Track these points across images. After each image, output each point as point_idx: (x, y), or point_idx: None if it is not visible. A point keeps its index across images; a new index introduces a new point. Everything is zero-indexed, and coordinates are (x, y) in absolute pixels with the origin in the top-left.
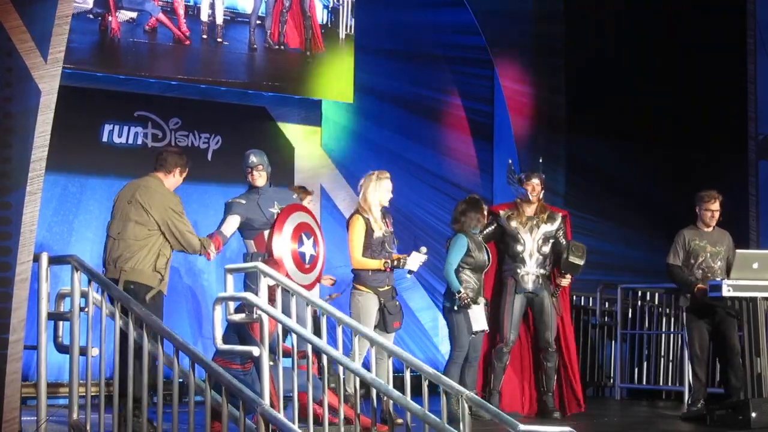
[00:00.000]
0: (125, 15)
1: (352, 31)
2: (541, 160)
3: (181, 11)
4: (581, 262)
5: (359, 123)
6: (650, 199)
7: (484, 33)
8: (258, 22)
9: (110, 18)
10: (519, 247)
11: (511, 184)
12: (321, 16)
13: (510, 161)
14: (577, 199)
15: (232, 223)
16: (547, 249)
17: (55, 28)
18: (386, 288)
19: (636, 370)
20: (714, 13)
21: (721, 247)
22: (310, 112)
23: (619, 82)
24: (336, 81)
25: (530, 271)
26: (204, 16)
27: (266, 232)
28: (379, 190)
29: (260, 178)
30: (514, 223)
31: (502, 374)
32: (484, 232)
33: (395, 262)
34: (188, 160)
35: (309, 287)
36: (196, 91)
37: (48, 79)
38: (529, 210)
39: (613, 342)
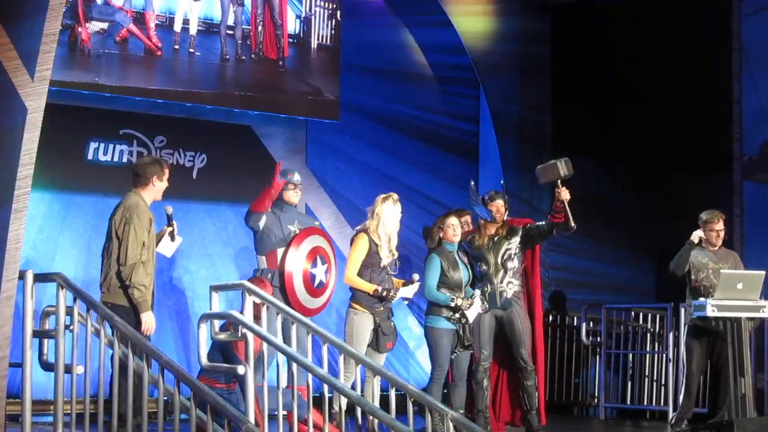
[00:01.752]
0: (95, 26)
1: (327, 42)
2: (502, 181)
3: (152, 23)
4: (553, 161)
5: (345, 142)
6: (635, 220)
7: (470, 53)
8: (229, 32)
9: (80, 29)
10: (484, 267)
11: (474, 205)
12: (293, 26)
13: (472, 182)
14: None
15: (261, 221)
16: (512, 264)
17: (42, 46)
18: (381, 309)
19: (620, 389)
20: (700, 35)
21: (725, 264)
22: (296, 131)
23: (604, 102)
24: (321, 100)
25: (497, 289)
26: (177, 27)
27: (280, 251)
28: (396, 212)
29: (296, 196)
30: (476, 245)
31: (482, 393)
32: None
33: (384, 293)
34: (164, 163)
35: (311, 312)
36: (182, 109)
37: (35, 97)
38: (492, 229)
39: (597, 361)
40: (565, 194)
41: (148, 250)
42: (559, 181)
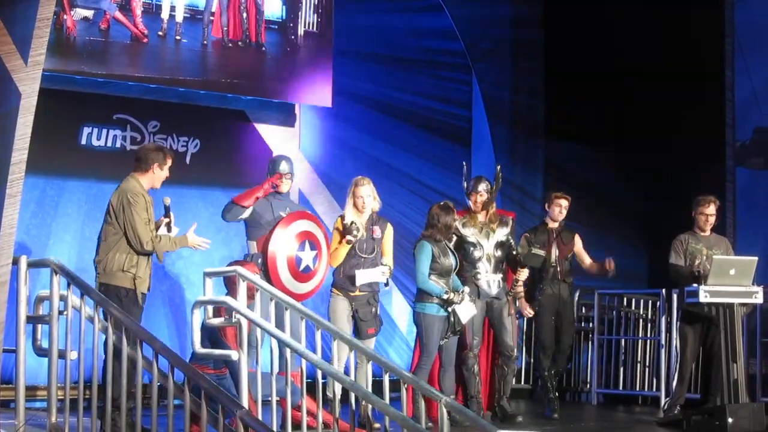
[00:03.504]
0: (80, 13)
1: (314, 29)
2: (498, 167)
3: (138, 10)
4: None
5: (338, 127)
6: (628, 205)
7: (462, 37)
8: (211, 18)
9: (65, 16)
10: (477, 253)
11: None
12: (280, 11)
13: (464, 164)
14: None
15: (241, 213)
16: (500, 253)
17: (36, 31)
18: (358, 293)
19: (612, 375)
20: (692, 20)
21: (717, 250)
22: (289, 116)
23: (597, 87)
24: (313, 84)
25: (489, 277)
26: (165, 14)
27: None
28: (353, 196)
29: (286, 185)
30: (470, 230)
31: (473, 379)
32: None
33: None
34: (167, 152)
35: (298, 298)
36: (175, 94)
37: (28, 82)
38: (481, 216)
39: (589, 347)
40: (523, 276)
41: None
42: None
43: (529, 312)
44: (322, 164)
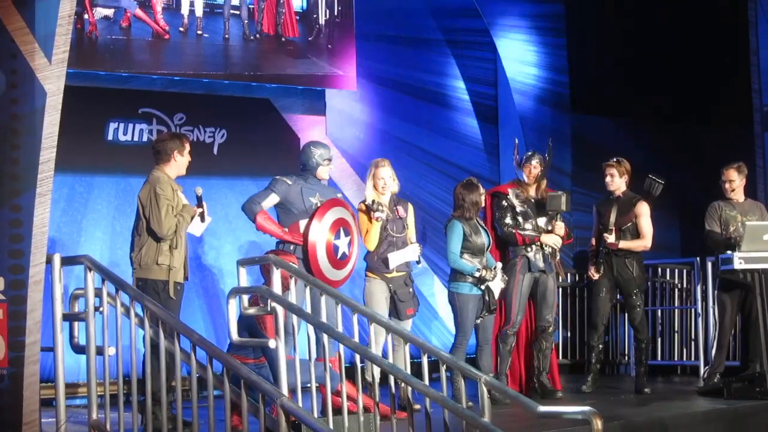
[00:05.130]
0: (101, 12)
1: (336, 15)
2: (551, 142)
3: (158, 6)
4: (559, 192)
5: (364, 111)
6: (657, 175)
7: (483, 15)
8: (234, 12)
9: (86, 16)
10: (528, 225)
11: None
12: (302, 1)
13: (516, 140)
14: (583, 178)
15: (270, 199)
16: (551, 227)
17: (58, 29)
18: (394, 274)
19: (650, 346)
20: None
21: (752, 216)
22: (314, 102)
23: (622, 58)
24: (338, 69)
25: (539, 250)
26: (185, 10)
27: (302, 222)
28: (373, 177)
29: (327, 172)
30: (522, 205)
31: (508, 357)
32: (507, 217)
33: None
34: (183, 138)
35: (334, 284)
36: (199, 85)
37: (53, 80)
38: (532, 190)
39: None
40: (559, 228)
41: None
42: (558, 215)
43: (592, 274)
44: (349, 149)
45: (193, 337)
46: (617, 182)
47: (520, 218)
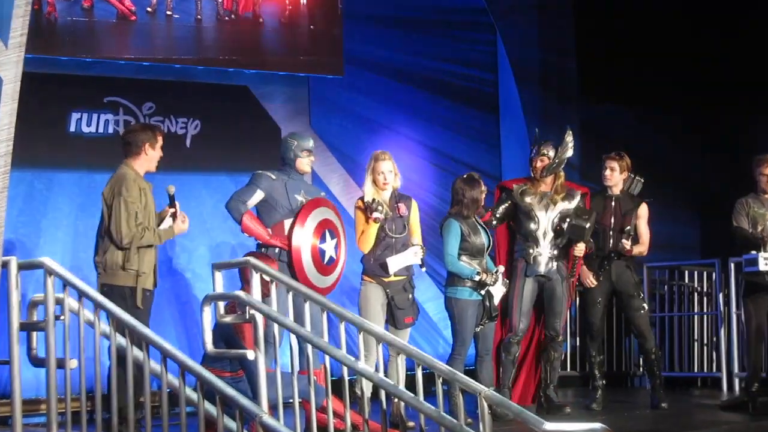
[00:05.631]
0: None
1: None
2: (569, 131)
3: None
4: (587, 225)
5: (351, 98)
6: (675, 168)
7: None
8: None
9: None
10: (532, 225)
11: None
12: None
13: (537, 130)
14: (592, 171)
15: (255, 196)
16: (559, 230)
17: (15, 10)
18: (392, 279)
19: (667, 356)
20: None
21: None
22: (297, 90)
23: (634, 40)
24: (322, 53)
25: (543, 252)
26: None
27: (287, 222)
28: (372, 172)
29: (309, 165)
30: (528, 199)
31: (511, 368)
32: (499, 210)
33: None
34: (157, 130)
35: (322, 292)
36: (171, 71)
37: (10, 66)
38: (545, 185)
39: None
40: (579, 251)
41: (145, 222)
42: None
43: (591, 282)
44: (335, 140)
45: (163, 348)
46: (616, 178)
47: (521, 216)
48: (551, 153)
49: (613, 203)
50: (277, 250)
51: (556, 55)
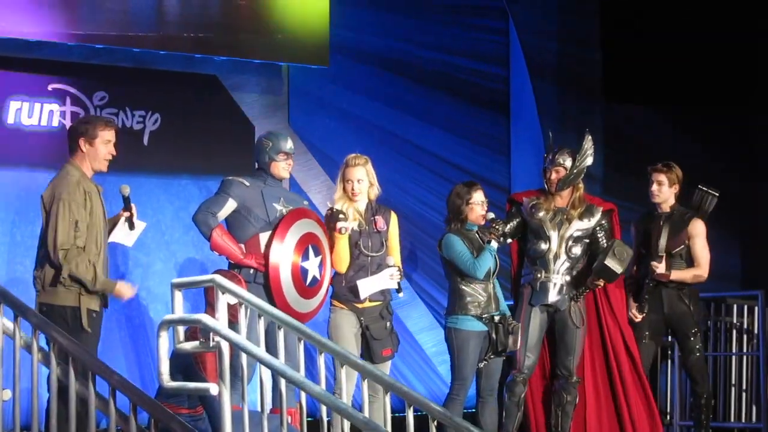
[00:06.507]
0: None
1: None
2: (588, 135)
3: None
4: (620, 270)
5: (337, 93)
6: (714, 183)
7: None
8: None
9: None
10: (542, 245)
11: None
12: None
13: (550, 134)
14: (618, 184)
15: (227, 207)
16: (578, 251)
17: None
18: (367, 304)
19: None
20: None
21: None
22: (274, 81)
23: (671, 28)
24: (304, 39)
25: (553, 278)
26: None
27: (263, 236)
28: (342, 179)
29: (287, 169)
30: (539, 215)
31: (515, 412)
32: (508, 225)
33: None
34: (109, 123)
35: (304, 318)
36: (128, 56)
37: None
38: (561, 199)
39: (668, 367)
40: (596, 286)
41: (90, 233)
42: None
43: (634, 315)
44: (318, 141)
45: (112, 379)
46: (665, 193)
47: (531, 235)
48: (568, 162)
49: (662, 223)
50: (252, 271)
51: (577, 48)
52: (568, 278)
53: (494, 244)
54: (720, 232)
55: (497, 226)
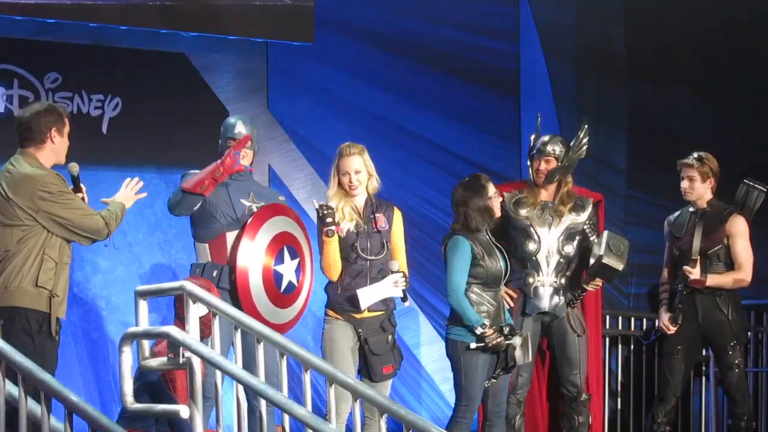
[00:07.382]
0: None
1: None
2: (585, 124)
3: None
4: (620, 266)
5: (323, 73)
6: (756, 174)
7: None
8: None
9: None
10: (532, 246)
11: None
12: None
13: (539, 116)
14: (643, 174)
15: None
16: (571, 249)
17: None
18: (366, 315)
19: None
20: None
21: None
22: (251, 60)
23: (701, 4)
24: (285, 12)
25: (546, 282)
26: None
27: (230, 236)
28: (336, 172)
29: (247, 156)
30: (524, 211)
31: None
32: None
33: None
34: (63, 112)
35: (279, 329)
36: (84, 32)
37: None
38: (546, 193)
39: (702, 384)
40: (593, 288)
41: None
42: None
43: (665, 326)
44: (301, 128)
45: (68, 401)
46: (699, 189)
47: (516, 234)
48: (559, 151)
49: (696, 221)
50: (215, 272)
51: (597, 22)
52: (562, 281)
53: (517, 341)
54: (764, 226)
55: None
